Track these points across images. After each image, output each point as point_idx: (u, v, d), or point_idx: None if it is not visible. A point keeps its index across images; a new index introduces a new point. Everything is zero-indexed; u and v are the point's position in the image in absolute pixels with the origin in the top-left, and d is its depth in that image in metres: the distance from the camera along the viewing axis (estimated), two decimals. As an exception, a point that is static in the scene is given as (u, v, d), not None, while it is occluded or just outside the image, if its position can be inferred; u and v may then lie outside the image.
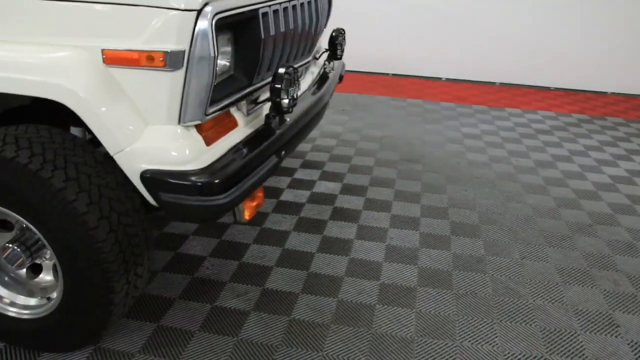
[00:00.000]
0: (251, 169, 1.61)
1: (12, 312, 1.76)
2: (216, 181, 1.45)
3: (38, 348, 1.79)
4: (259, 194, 1.90)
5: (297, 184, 3.18)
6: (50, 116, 1.92)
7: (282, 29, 1.82)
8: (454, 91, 5.50)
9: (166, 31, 1.36)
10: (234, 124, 1.72)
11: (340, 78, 2.93)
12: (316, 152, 3.69)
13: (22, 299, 1.77)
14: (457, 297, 2.19)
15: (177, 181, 1.42)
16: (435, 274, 2.34)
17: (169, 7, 1.35)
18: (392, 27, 5.82)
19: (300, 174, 3.32)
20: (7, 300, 1.79)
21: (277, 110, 1.76)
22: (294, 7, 1.91)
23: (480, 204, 3.01)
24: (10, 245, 1.69)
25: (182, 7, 1.35)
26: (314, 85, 2.43)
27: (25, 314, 1.75)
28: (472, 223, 2.80)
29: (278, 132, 1.81)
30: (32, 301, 1.76)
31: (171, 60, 1.36)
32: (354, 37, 5.89)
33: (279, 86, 1.72)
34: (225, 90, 1.63)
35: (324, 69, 2.70)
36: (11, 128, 1.60)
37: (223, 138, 1.64)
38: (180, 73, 1.40)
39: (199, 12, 1.38)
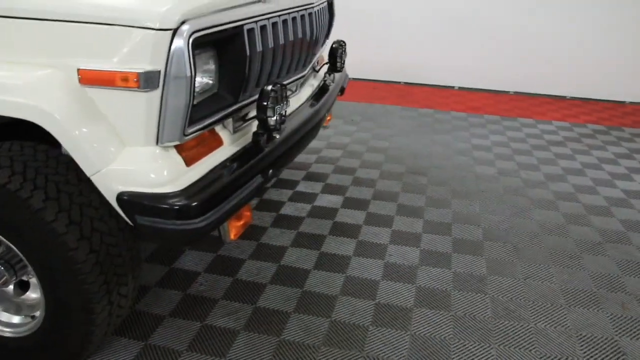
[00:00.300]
0: (232, 190, 1.57)
1: (7, 332, 1.75)
2: (193, 204, 1.40)
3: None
4: (246, 212, 1.85)
5: (299, 197, 3.13)
6: (44, 132, 1.92)
7: (271, 45, 1.78)
8: (467, 100, 5.38)
9: (141, 51, 1.33)
10: (218, 143, 1.68)
11: (342, 90, 2.88)
12: (321, 164, 3.63)
13: (5, 317, 1.75)
14: (454, 319, 2.10)
15: (152, 204, 1.38)
16: (433, 293, 2.26)
17: (143, 26, 1.32)
18: (405, 35, 5.74)
19: (302, 187, 3.27)
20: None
21: (264, 128, 1.72)
22: (284, 22, 1.87)
23: (486, 220, 2.91)
24: (-3, 264, 1.68)
25: (157, 26, 1.31)
26: (311, 98, 2.38)
27: (7, 332, 1.73)
28: (476, 240, 2.70)
29: (265, 150, 1.76)
30: (16, 319, 1.75)
31: (146, 81, 1.33)
32: (365, 45, 5.85)
33: (265, 103, 1.67)
34: (208, 108, 1.58)
35: (324, 81, 2.65)
36: (-4, 145, 1.59)
37: (206, 158, 1.60)
38: (156, 93, 1.37)
39: (175, 31, 1.34)
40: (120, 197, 1.40)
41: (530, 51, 5.43)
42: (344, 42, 2.69)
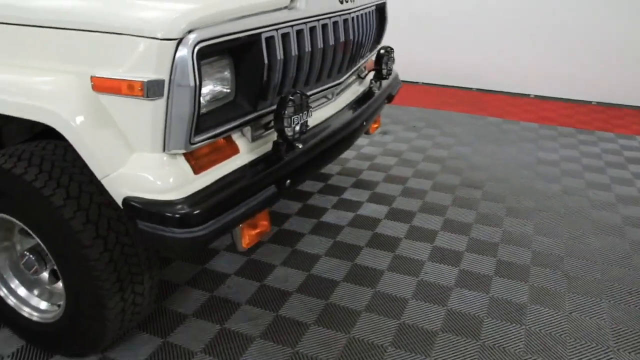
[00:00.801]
0: (239, 199, 1.54)
1: (35, 316, 1.86)
2: (192, 212, 1.39)
3: (49, 350, 1.87)
4: (263, 221, 1.82)
5: (343, 205, 3.06)
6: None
7: (295, 53, 1.73)
8: (540, 110, 5.00)
9: (146, 60, 1.34)
10: (234, 151, 1.66)
11: (390, 97, 2.77)
12: (372, 171, 3.53)
13: (35, 301, 1.86)
14: (481, 350, 1.93)
15: (152, 210, 1.39)
16: (463, 319, 2.10)
17: (148, 36, 1.32)
18: (478, 39, 5.45)
19: (349, 194, 3.19)
20: (31, 303, 1.90)
21: (282, 137, 1.68)
22: (312, 29, 1.81)
23: (538, 242, 2.67)
24: (27, 253, 1.78)
25: (161, 36, 1.31)
26: (350, 106, 2.30)
27: (35, 316, 1.84)
28: (523, 264, 2.48)
29: (283, 160, 1.72)
30: (43, 305, 1.85)
31: (150, 90, 1.34)
32: (435, 49, 5.64)
33: (282, 113, 1.63)
34: (222, 117, 1.57)
35: (370, 88, 2.56)
36: (32, 144, 1.68)
37: (218, 166, 1.59)
38: (162, 102, 1.37)
39: (180, 40, 1.34)
40: (125, 202, 1.43)
41: (617, 58, 4.92)
42: (390, 48, 2.58)
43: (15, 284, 1.90)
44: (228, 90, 1.60)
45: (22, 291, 1.89)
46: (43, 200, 1.53)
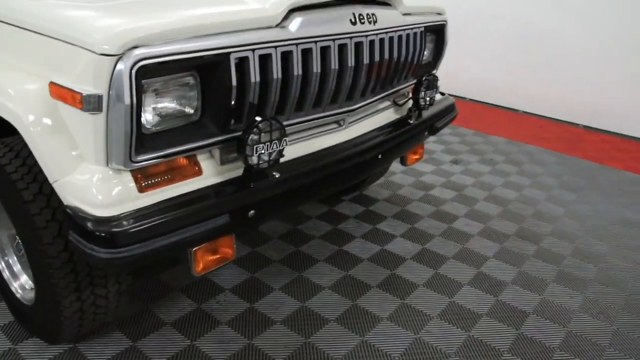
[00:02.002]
0: (181, 225, 1.45)
1: (19, 294, 1.97)
2: (116, 234, 1.32)
3: (27, 330, 1.97)
4: (226, 248, 1.71)
5: (374, 235, 2.83)
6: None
7: (277, 76, 1.59)
8: (657, 160, 4.21)
9: (87, 73, 1.30)
10: (196, 172, 1.57)
11: (433, 129, 2.47)
12: (423, 203, 3.23)
13: (24, 280, 1.96)
14: None
15: (79, 223, 1.35)
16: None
17: (89, 49, 1.28)
18: (584, 66, 4.74)
19: (385, 224, 2.95)
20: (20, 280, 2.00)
21: (247, 165, 1.55)
22: (305, 51, 1.65)
23: (575, 318, 2.21)
24: (17, 237, 1.88)
25: (99, 51, 1.26)
26: (369, 135, 2.08)
27: (18, 295, 1.94)
28: (547, 348, 2.06)
29: (248, 189, 1.59)
30: (28, 286, 1.95)
31: (88, 103, 1.29)
32: (543, 76, 5.04)
33: (244, 139, 1.50)
34: (181, 137, 1.48)
35: (406, 117, 2.31)
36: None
37: (172, 186, 1.50)
38: (101, 117, 1.32)
39: (120, 57, 1.28)
40: (64, 210, 1.41)
41: None
42: (433, 76, 2.30)
43: (13, 260, 2.02)
44: (191, 110, 1.51)
45: (17, 268, 2.01)
46: (16, 192, 1.59)
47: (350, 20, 1.77)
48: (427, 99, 2.31)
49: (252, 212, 1.62)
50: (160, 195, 1.48)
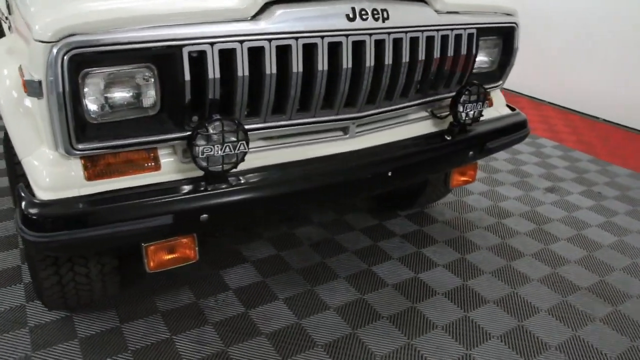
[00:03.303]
0: (113, 219, 1.38)
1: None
2: (37, 216, 1.31)
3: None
4: (186, 249, 1.62)
5: (413, 260, 2.50)
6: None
7: (242, 73, 1.43)
8: None
9: (31, 58, 1.29)
10: (153, 168, 1.49)
11: (484, 150, 2.08)
12: (489, 233, 2.78)
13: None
14: None
15: (20, 202, 1.37)
16: None
17: (33, 35, 1.27)
18: None
19: (432, 250, 2.59)
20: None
21: (200, 168, 1.44)
22: (282, 48, 1.46)
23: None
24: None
25: (37, 37, 1.24)
26: (383, 148, 1.81)
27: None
28: None
29: (200, 191, 1.47)
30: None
31: (30, 88, 1.28)
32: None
33: (192, 140, 1.39)
34: (136, 129, 1.42)
35: (443, 133, 1.97)
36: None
37: (123, 178, 1.45)
38: (44, 102, 1.32)
39: (55, 44, 1.25)
40: (18, 188, 1.45)
41: None
42: (480, 87, 1.91)
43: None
44: (148, 104, 1.44)
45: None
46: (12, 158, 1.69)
47: (348, 15, 1.53)
48: (469, 113, 1.94)
49: (204, 216, 1.50)
50: (108, 185, 1.44)
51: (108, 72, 1.35)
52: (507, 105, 2.35)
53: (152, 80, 1.41)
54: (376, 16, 1.57)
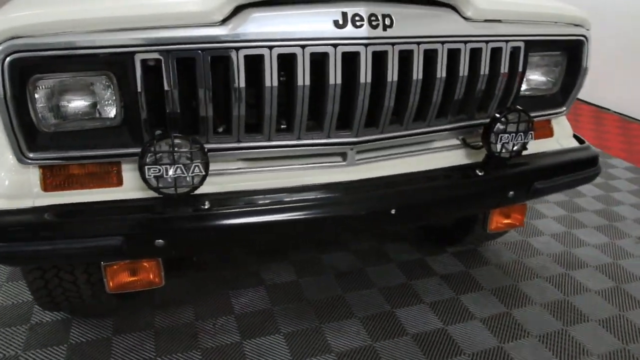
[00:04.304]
0: (55, 235, 1.25)
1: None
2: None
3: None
4: (148, 273, 1.46)
5: (446, 309, 2.11)
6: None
7: (205, 85, 1.23)
8: None
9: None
10: (115, 183, 1.34)
11: (531, 191, 1.65)
12: (549, 285, 2.27)
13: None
14: None
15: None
16: None
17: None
18: None
19: (474, 298, 2.17)
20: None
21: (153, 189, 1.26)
22: (254, 58, 1.23)
23: None
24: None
25: (-19, 40, 1.16)
26: (386, 181, 1.49)
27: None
28: None
29: (162, 215, 1.30)
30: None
31: (-20, 94, 1.22)
32: None
33: (142, 159, 1.21)
34: (93, 141, 1.28)
35: (477, 167, 1.59)
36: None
37: (79, 191, 1.33)
38: (-6, 110, 1.23)
39: (-5, 46, 1.14)
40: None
41: None
42: (521, 113, 1.50)
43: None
44: (109, 114, 1.30)
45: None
46: None
47: (336, 21, 1.26)
48: (507, 145, 1.54)
49: (160, 241, 1.32)
50: (64, 198, 1.32)
51: (61, 78, 1.23)
52: (575, 136, 1.88)
53: (111, 89, 1.27)
54: (374, 23, 1.28)
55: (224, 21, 1.23)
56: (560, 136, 1.84)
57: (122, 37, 1.18)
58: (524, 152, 1.64)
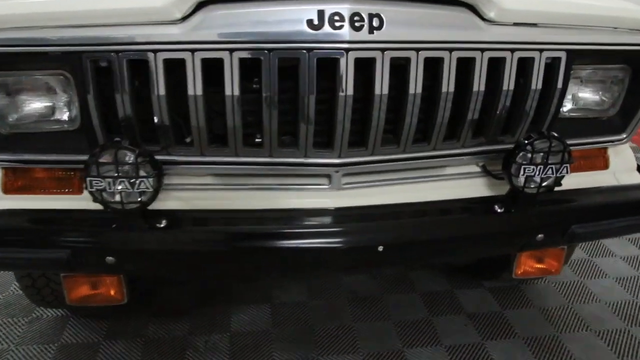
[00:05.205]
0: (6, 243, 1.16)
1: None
2: None
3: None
4: (110, 288, 1.34)
5: (464, 357, 1.80)
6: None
7: (158, 92, 1.06)
8: None
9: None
10: (75, 190, 1.23)
11: (567, 235, 1.30)
12: (596, 340, 1.87)
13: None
14: None
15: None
16: None
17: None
18: None
19: (502, 346, 1.83)
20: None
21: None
22: (209, 62, 1.04)
23: None
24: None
25: None
26: (377, 211, 1.24)
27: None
28: None
29: (112, 230, 1.16)
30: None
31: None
32: None
33: (86, 167, 1.08)
34: (51, 145, 1.17)
35: (498, 201, 1.29)
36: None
37: (40, 196, 1.23)
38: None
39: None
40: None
41: None
42: (553, 140, 1.17)
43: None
44: (65, 117, 1.18)
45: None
46: None
47: (310, 21, 1.03)
48: (534, 178, 1.22)
49: (110, 259, 1.19)
50: (22, 203, 1.23)
51: (11, 77, 1.14)
52: (640, 170, 1.50)
53: (69, 90, 1.16)
54: (357, 24, 1.03)
55: (183, 19, 1.07)
56: (619, 169, 1.47)
57: (70, 35, 1.04)
58: (564, 187, 1.31)
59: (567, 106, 1.35)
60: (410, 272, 2.26)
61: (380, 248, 1.20)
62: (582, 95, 1.35)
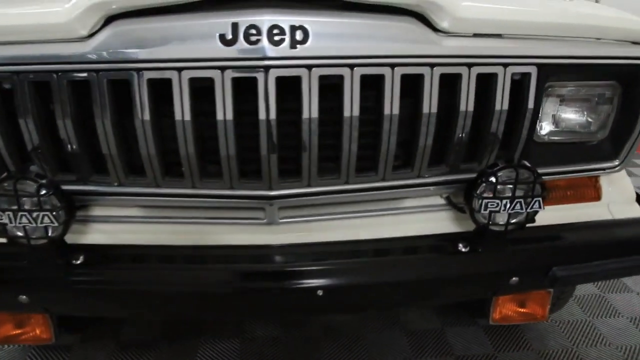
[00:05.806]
0: None
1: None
2: None
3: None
4: (35, 328, 1.22)
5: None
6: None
7: (62, 117, 0.95)
8: None
9: None
10: None
11: (552, 279, 1.10)
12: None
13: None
14: None
15: None
16: None
17: None
18: None
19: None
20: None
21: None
22: (115, 83, 0.92)
23: None
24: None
25: None
26: (322, 249, 1.08)
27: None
28: None
29: (24, 266, 1.04)
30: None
31: None
32: None
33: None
34: None
35: (462, 239, 1.11)
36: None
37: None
38: None
39: None
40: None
41: None
42: (520, 169, 0.99)
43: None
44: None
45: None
46: None
47: (223, 36, 0.90)
48: (499, 215, 1.03)
49: (23, 297, 1.07)
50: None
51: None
52: None
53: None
54: (277, 38, 0.89)
55: (90, 36, 0.96)
56: (613, 200, 1.26)
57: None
58: (546, 221, 1.12)
59: (546, 129, 1.16)
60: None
61: (320, 292, 1.04)
62: (564, 117, 1.16)
